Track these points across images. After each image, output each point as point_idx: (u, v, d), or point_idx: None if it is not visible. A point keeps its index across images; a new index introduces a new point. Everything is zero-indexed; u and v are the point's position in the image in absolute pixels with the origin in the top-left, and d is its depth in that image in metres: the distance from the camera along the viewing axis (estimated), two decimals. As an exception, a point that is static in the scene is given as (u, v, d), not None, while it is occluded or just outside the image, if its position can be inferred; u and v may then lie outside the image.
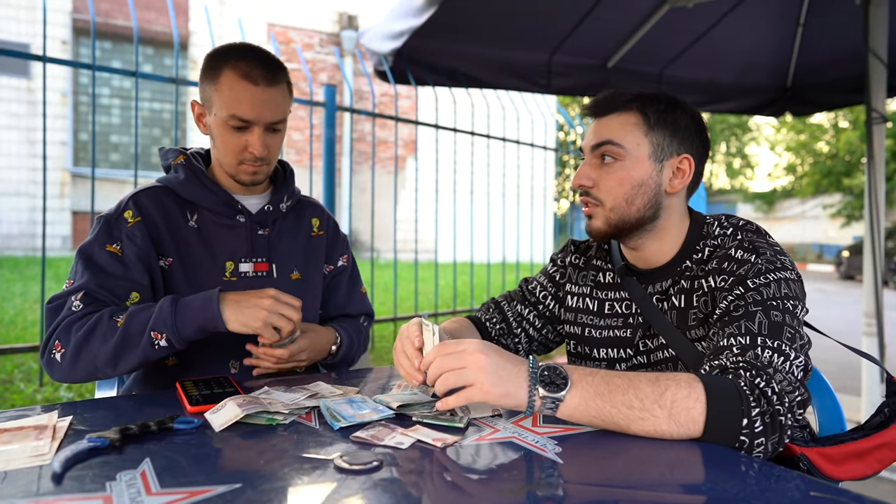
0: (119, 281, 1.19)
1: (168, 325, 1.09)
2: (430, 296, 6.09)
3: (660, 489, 0.68)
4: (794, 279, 1.01)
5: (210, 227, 1.30)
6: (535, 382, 0.83)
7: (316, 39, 12.16)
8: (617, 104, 1.11)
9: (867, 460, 1.01)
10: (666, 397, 0.81)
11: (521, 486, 0.68)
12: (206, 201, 1.29)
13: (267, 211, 1.35)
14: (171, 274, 1.25)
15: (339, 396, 1.01)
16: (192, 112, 1.32)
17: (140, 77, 2.69)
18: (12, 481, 0.67)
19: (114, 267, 1.19)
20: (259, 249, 1.33)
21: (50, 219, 9.86)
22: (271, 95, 1.22)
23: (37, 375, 3.22)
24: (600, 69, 3.76)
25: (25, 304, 5.36)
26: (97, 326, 1.10)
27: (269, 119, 1.23)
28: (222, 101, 1.21)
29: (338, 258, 1.50)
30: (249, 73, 1.20)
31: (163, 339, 1.09)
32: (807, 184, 24.49)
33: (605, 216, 1.11)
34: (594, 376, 0.84)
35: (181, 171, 1.30)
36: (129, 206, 1.25)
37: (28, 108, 10.11)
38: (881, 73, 3.05)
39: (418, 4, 2.89)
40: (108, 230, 1.22)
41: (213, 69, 1.24)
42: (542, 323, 1.32)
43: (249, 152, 1.24)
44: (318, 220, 1.46)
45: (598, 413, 0.82)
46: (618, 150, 1.09)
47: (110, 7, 10.43)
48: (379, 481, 0.68)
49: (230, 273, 1.29)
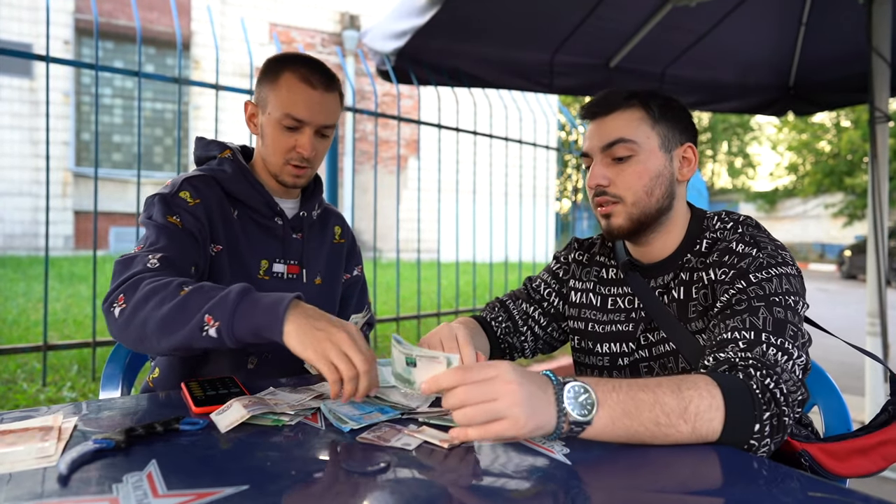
0: (186, 252, 1.16)
1: (227, 312, 0.94)
2: (433, 295, 6.09)
3: (668, 490, 0.68)
4: (794, 274, 1.01)
5: (249, 224, 1.33)
6: (562, 406, 0.75)
7: (318, 39, 12.17)
8: (618, 102, 1.12)
9: (871, 457, 1.01)
10: (689, 411, 0.79)
11: (529, 488, 0.68)
12: (251, 199, 1.32)
13: (302, 217, 1.39)
14: (218, 262, 1.26)
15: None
16: (244, 112, 1.36)
17: (143, 77, 2.70)
18: (18, 483, 0.67)
19: (183, 238, 1.17)
20: (292, 252, 1.36)
21: (52, 218, 9.88)
22: (326, 100, 1.28)
23: (40, 375, 3.23)
24: (602, 69, 3.76)
25: (28, 304, 5.37)
26: (163, 288, 1.00)
27: (321, 122, 1.28)
28: (279, 101, 1.26)
29: (353, 267, 1.55)
30: (308, 77, 1.26)
31: (214, 327, 0.94)
32: (809, 183, 24.46)
33: (627, 212, 1.10)
34: (619, 392, 0.78)
35: (228, 165, 1.32)
36: (186, 186, 1.24)
37: (30, 108, 10.13)
38: (885, 73, 3.05)
39: (421, 4, 2.89)
40: (167, 205, 1.20)
41: (273, 71, 1.29)
42: (547, 321, 1.33)
43: (297, 152, 1.28)
44: (340, 229, 1.52)
45: (625, 433, 0.78)
46: (631, 145, 1.09)
47: (112, 7, 10.45)
48: (386, 482, 0.68)
49: (264, 271, 1.32)
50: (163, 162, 11.55)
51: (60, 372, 3.44)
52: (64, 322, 4.66)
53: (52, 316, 4.79)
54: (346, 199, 10.37)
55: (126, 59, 11.05)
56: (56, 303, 5.42)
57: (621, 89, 1.14)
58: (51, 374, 3.36)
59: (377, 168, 5.01)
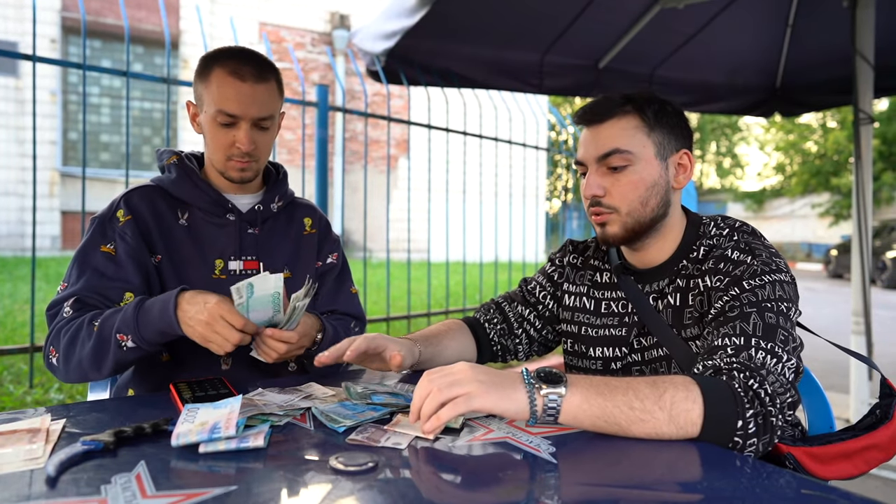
0: (112, 282, 1.22)
1: (131, 327, 1.11)
2: (423, 295, 6.09)
3: (654, 488, 0.69)
4: (788, 281, 1.02)
5: (200, 225, 1.32)
6: (532, 383, 0.82)
7: (308, 39, 12.13)
8: (613, 109, 1.10)
9: (854, 461, 1.03)
10: (665, 399, 0.81)
11: (516, 487, 0.69)
12: (197, 200, 1.32)
13: (257, 210, 1.37)
14: (162, 271, 1.28)
15: (332, 398, 1.01)
16: (188, 112, 1.35)
17: (131, 77, 2.68)
18: (6, 485, 0.67)
19: (107, 268, 1.22)
20: (248, 248, 1.34)
21: (39, 218, 9.77)
22: (258, 91, 1.25)
23: (26, 377, 3.20)
24: (592, 69, 3.78)
25: (15, 305, 5.31)
26: (79, 332, 1.15)
27: (255, 114, 1.25)
28: (211, 98, 1.25)
29: (327, 255, 1.50)
30: (237, 70, 1.24)
31: (129, 340, 1.11)
32: (796, 183, 24.66)
33: (622, 221, 1.10)
34: (590, 378, 0.84)
35: (173, 170, 1.33)
36: (121, 205, 1.28)
37: (16, 107, 10.03)
38: (868, 75, 3.09)
39: (411, 4, 2.89)
40: (103, 230, 1.26)
41: (204, 68, 1.28)
42: (541, 324, 1.33)
43: (236, 147, 1.27)
44: (311, 220, 1.47)
45: (601, 413, 0.81)
46: (626, 156, 1.08)
47: (100, 5, 10.36)
48: (374, 482, 0.68)
49: (220, 271, 1.31)
50: (151, 162, 11.46)
51: (47, 374, 3.41)
52: (51, 323, 4.61)
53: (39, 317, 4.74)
54: (336, 199, 10.36)
55: (114, 58, 10.96)
56: (43, 304, 5.36)
57: (616, 94, 1.12)
58: (38, 375, 3.33)
59: (367, 168, 5.00)
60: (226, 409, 0.82)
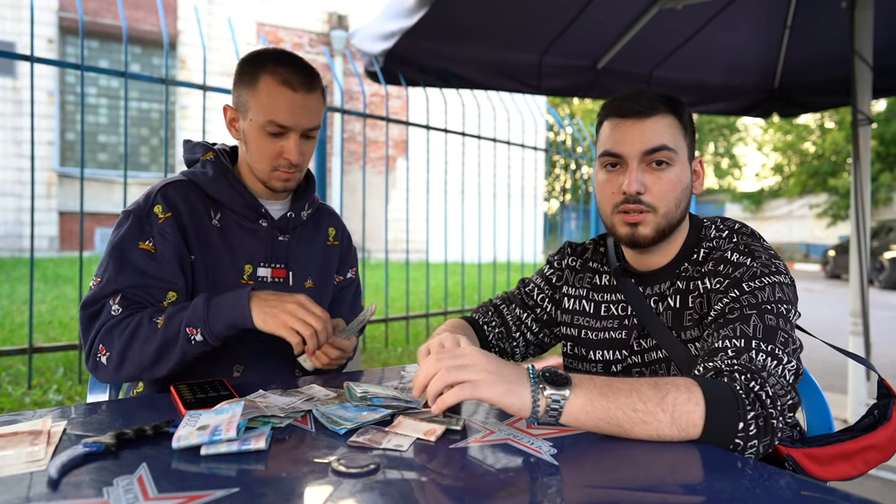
0: (155, 281, 1.19)
1: (201, 320, 1.11)
2: (421, 296, 6.09)
3: (655, 490, 0.69)
4: (787, 283, 1.02)
5: (232, 227, 1.29)
6: (537, 382, 0.81)
7: (306, 39, 12.12)
8: (656, 106, 1.06)
9: (853, 462, 1.03)
10: (667, 401, 0.81)
11: (517, 489, 0.69)
12: (232, 202, 1.28)
13: (289, 218, 1.34)
14: (195, 271, 1.24)
15: (334, 400, 1.01)
16: (224, 116, 1.30)
17: (129, 77, 2.67)
18: (7, 488, 0.67)
19: (147, 265, 1.19)
20: (278, 255, 1.32)
21: (37, 219, 9.76)
22: (309, 102, 1.22)
23: (25, 378, 3.19)
24: (590, 70, 3.79)
25: (13, 306, 5.31)
26: (139, 330, 1.13)
27: (307, 125, 1.23)
28: (260, 107, 1.20)
29: (348, 270, 1.50)
30: (288, 79, 1.20)
31: (198, 333, 1.11)
32: (794, 184, 24.70)
33: (656, 223, 1.07)
34: (594, 379, 0.84)
35: (210, 168, 1.28)
36: (158, 199, 1.23)
37: (14, 108, 10.01)
38: (866, 76, 3.10)
39: (409, 5, 2.89)
40: (140, 225, 1.21)
41: (250, 74, 1.22)
42: (538, 327, 1.33)
43: (285, 158, 1.23)
44: (335, 230, 1.47)
45: (603, 415, 0.81)
46: (672, 154, 1.06)
47: (98, 5, 10.34)
48: (375, 484, 0.68)
49: (248, 276, 1.29)
50: (149, 162, 11.45)
51: (46, 375, 3.41)
52: (49, 324, 4.62)
53: (38, 318, 4.74)
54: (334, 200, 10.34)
55: (111, 59, 10.95)
56: (41, 305, 5.36)
57: (649, 92, 1.09)
58: (36, 376, 3.33)
59: (366, 168, 5.00)
60: (227, 416, 0.82)
